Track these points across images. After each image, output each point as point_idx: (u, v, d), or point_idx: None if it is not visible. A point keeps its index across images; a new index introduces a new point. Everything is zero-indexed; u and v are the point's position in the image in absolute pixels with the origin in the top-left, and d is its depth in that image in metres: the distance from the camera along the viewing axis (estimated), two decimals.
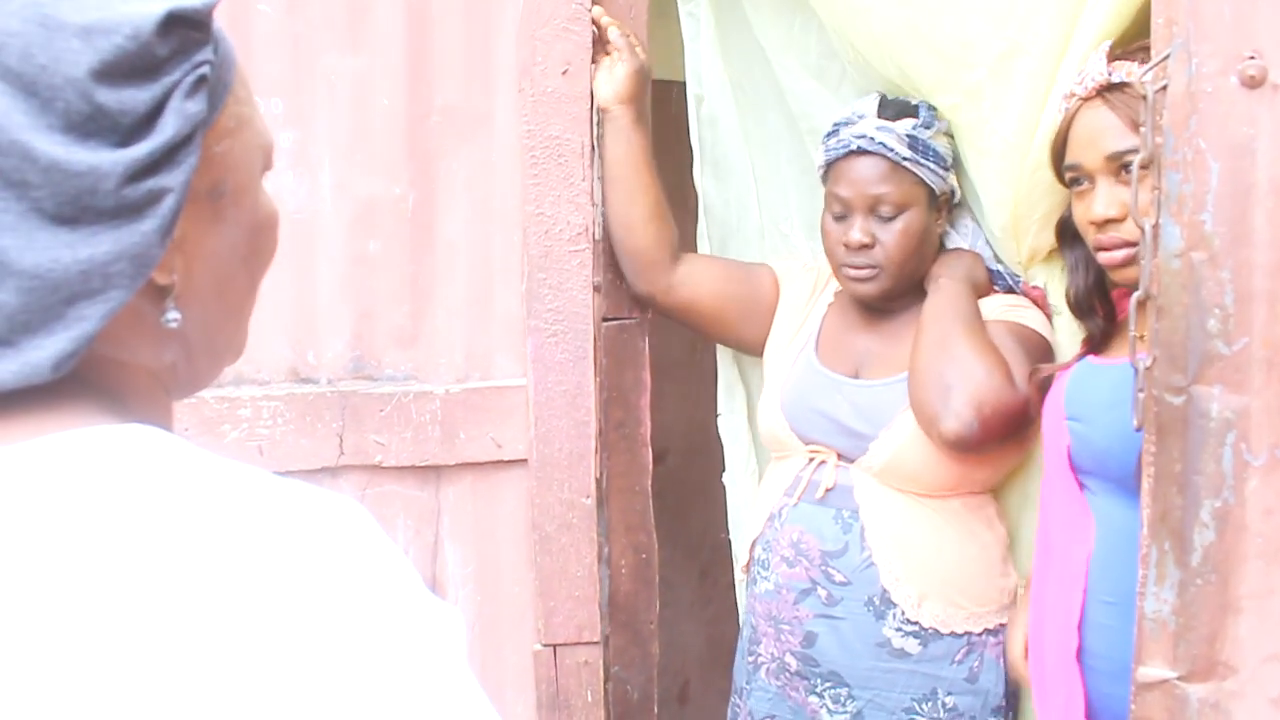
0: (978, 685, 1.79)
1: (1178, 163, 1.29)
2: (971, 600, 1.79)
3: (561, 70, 1.79)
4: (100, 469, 0.57)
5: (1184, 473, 1.30)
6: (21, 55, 0.56)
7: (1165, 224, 1.30)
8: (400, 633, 0.56)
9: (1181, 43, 1.28)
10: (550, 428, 1.81)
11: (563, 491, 1.83)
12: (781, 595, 1.86)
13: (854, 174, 1.81)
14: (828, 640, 1.81)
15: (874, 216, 1.81)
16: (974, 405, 1.66)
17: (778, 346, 1.99)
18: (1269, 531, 1.27)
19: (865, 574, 1.78)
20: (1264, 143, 1.25)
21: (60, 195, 0.57)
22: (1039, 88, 1.67)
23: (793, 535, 1.85)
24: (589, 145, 1.81)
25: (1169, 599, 1.32)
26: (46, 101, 0.57)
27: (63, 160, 0.57)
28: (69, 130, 0.57)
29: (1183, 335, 1.30)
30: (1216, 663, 1.31)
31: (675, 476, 2.66)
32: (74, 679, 0.52)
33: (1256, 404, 1.27)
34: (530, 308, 1.80)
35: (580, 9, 1.79)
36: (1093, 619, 1.56)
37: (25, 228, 0.57)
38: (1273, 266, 1.26)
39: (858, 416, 1.82)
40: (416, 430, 1.79)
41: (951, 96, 1.77)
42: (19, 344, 0.58)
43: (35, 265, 0.57)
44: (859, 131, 1.80)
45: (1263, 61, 1.24)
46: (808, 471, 1.86)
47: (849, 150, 1.81)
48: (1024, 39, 1.66)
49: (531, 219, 1.80)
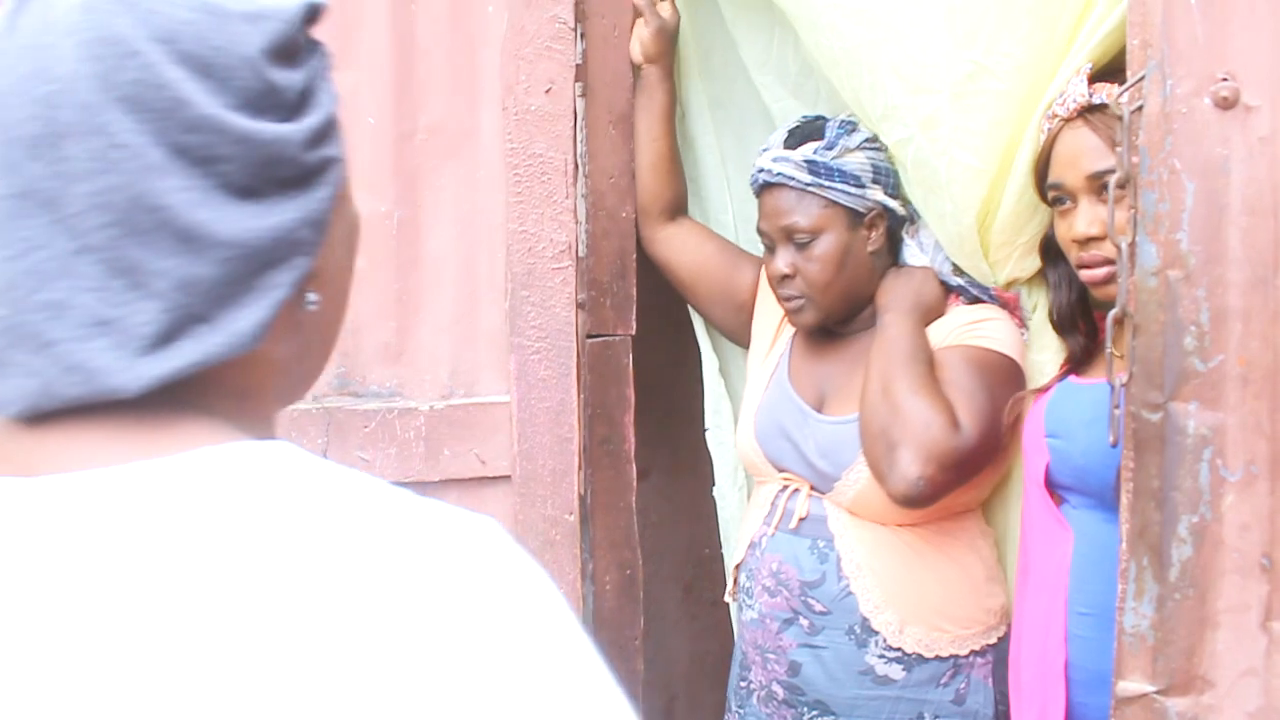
0: (965, 707, 1.78)
1: (1153, 182, 1.31)
2: (955, 623, 1.77)
3: (545, 89, 1.80)
4: (251, 490, 0.57)
5: (1162, 489, 1.32)
6: (197, 39, 0.59)
7: (1142, 242, 1.31)
8: (553, 658, 0.56)
9: (1156, 64, 1.30)
10: (533, 444, 1.82)
11: (546, 508, 1.83)
12: (765, 624, 1.85)
13: (766, 207, 1.84)
14: (812, 669, 1.80)
15: (792, 246, 1.81)
16: (919, 463, 1.62)
17: (756, 359, 2.00)
18: (1245, 547, 1.29)
19: (844, 603, 1.77)
20: (1237, 163, 1.27)
21: (250, 167, 0.60)
22: (1007, 110, 1.66)
23: (772, 565, 1.84)
24: (572, 163, 1.82)
25: (1148, 614, 1.33)
26: (224, 81, 0.60)
27: (253, 132, 0.60)
28: (246, 106, 0.60)
29: (1159, 352, 1.31)
30: (1195, 677, 1.32)
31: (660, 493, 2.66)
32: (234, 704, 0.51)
33: (1232, 420, 1.29)
34: (514, 325, 1.81)
35: (564, 29, 1.80)
36: (1069, 631, 1.58)
37: (217, 201, 0.59)
38: (1247, 284, 1.28)
39: (820, 455, 1.80)
40: (401, 447, 1.79)
41: (907, 124, 1.73)
42: (217, 318, 0.59)
43: (233, 236, 0.59)
44: (761, 165, 1.83)
45: (1235, 83, 1.26)
46: (782, 499, 1.85)
47: (760, 185, 1.84)
48: (990, 60, 1.65)
49: (515, 236, 1.81)
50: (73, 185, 0.57)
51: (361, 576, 0.54)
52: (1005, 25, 1.63)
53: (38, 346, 0.58)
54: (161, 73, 0.58)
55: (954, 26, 1.66)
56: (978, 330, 1.77)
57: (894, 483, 1.64)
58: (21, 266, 0.58)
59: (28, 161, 0.58)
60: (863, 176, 1.79)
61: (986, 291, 1.82)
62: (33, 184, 0.58)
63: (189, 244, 0.58)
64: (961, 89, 1.67)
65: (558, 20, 1.79)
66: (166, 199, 0.58)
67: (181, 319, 0.58)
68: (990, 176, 1.70)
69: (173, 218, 0.58)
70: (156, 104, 0.58)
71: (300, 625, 0.52)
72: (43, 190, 0.58)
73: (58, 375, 0.57)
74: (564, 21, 1.80)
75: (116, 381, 0.57)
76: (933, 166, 1.74)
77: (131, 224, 0.58)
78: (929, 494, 1.64)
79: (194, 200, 0.58)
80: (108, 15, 0.58)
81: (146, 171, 0.58)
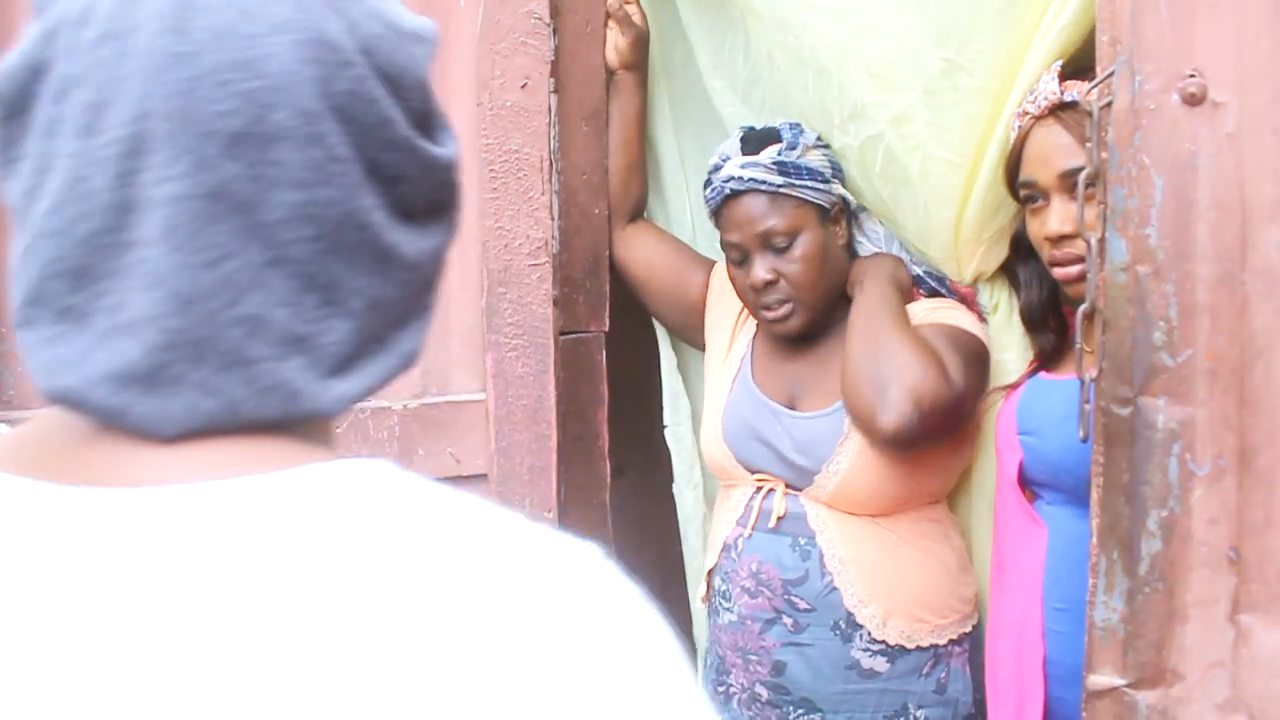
0: (946, 696, 1.80)
1: (1123, 178, 1.31)
2: (933, 613, 1.79)
3: (520, 84, 1.79)
4: (366, 507, 0.54)
5: (1131, 483, 1.32)
6: (389, 56, 0.58)
7: (1111, 238, 1.32)
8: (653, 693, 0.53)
9: (1125, 60, 1.30)
10: (511, 442, 1.81)
11: (524, 506, 1.81)
12: (746, 626, 1.83)
13: (737, 216, 1.81)
14: (797, 668, 1.80)
15: (770, 251, 1.79)
16: (912, 399, 1.63)
17: (714, 362, 1.98)
18: (1213, 540, 1.30)
19: (828, 599, 1.77)
20: (1205, 159, 1.28)
21: (426, 189, 0.60)
22: (981, 105, 1.67)
23: (751, 566, 1.83)
24: (548, 159, 1.81)
25: (1118, 607, 1.34)
26: (407, 101, 0.59)
27: (435, 156, 0.60)
28: (418, 129, 0.60)
29: (1129, 347, 1.32)
30: (1164, 670, 1.33)
31: (635, 489, 2.65)
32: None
33: (1201, 415, 1.30)
34: (490, 322, 1.79)
35: (539, 24, 1.79)
36: (1046, 626, 1.59)
37: (397, 222, 0.59)
38: (1215, 280, 1.29)
39: (797, 451, 1.80)
40: (374, 447, 1.76)
41: (877, 122, 1.73)
42: (389, 339, 0.59)
43: (414, 257, 0.60)
44: (727, 174, 1.80)
45: (1203, 80, 1.27)
46: (757, 500, 1.84)
47: (724, 195, 1.81)
48: (963, 58, 1.66)
49: (491, 233, 1.79)
50: (275, 192, 0.54)
51: (468, 603, 0.52)
52: (978, 23, 1.64)
53: (229, 364, 0.54)
54: (371, 88, 0.57)
55: (927, 25, 1.66)
56: (944, 313, 1.80)
57: (884, 419, 1.64)
58: (213, 276, 0.53)
59: (224, 160, 0.53)
60: (825, 172, 1.81)
61: (944, 284, 1.85)
62: (227, 185, 0.53)
63: (383, 264, 0.58)
64: (934, 86, 1.68)
65: (533, 15, 1.78)
66: (370, 217, 0.57)
67: (367, 339, 0.58)
68: (965, 171, 1.71)
69: (374, 237, 0.57)
70: (366, 119, 0.57)
71: (403, 650, 0.50)
72: (238, 193, 0.53)
73: (251, 395, 0.54)
74: (539, 17, 1.79)
75: (317, 404, 0.56)
76: (903, 163, 1.74)
77: (338, 240, 0.56)
78: (918, 432, 1.65)
79: (385, 220, 0.58)
80: (320, 18, 0.55)
81: (357, 188, 0.56)
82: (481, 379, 1.82)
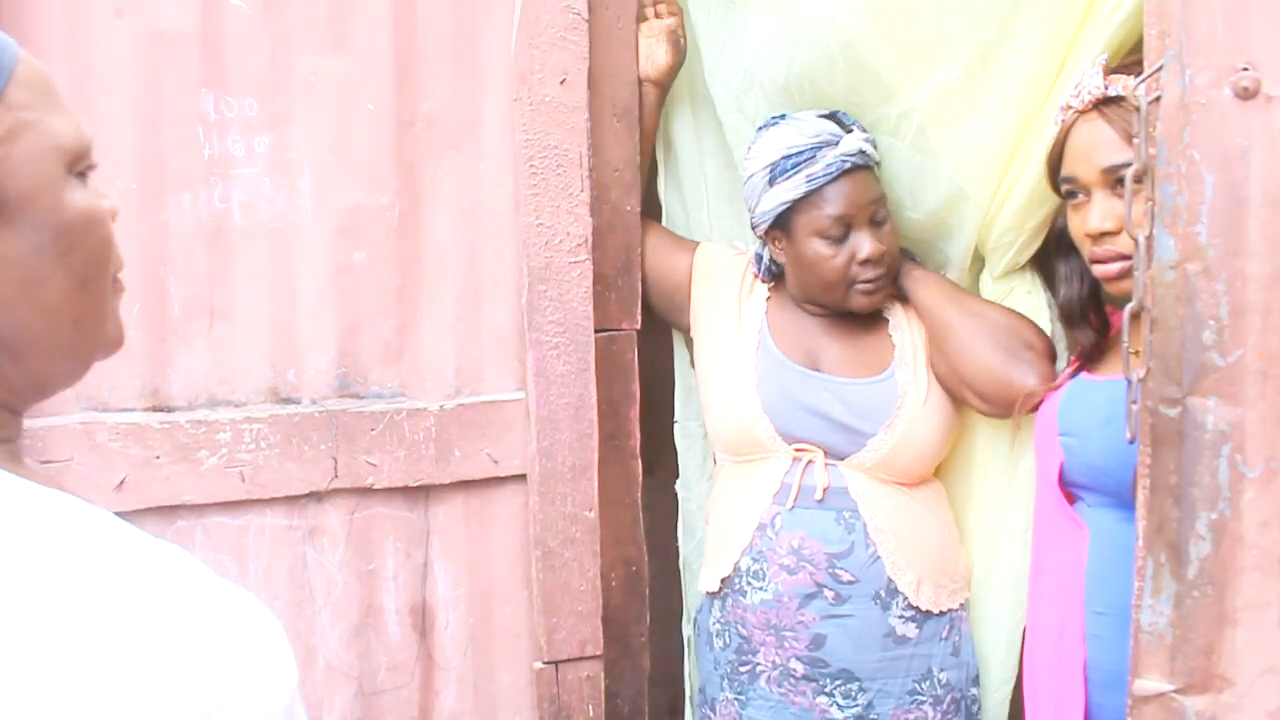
0: (960, 658, 1.88)
1: (1171, 174, 1.28)
2: (951, 578, 1.88)
3: (560, 80, 1.77)
4: None
5: (1179, 485, 1.30)
6: None
7: (1159, 236, 1.29)
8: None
9: (1174, 54, 1.27)
10: (553, 441, 1.79)
11: (566, 505, 1.80)
12: (783, 603, 1.85)
13: (851, 191, 1.81)
14: (838, 639, 1.83)
15: (874, 225, 1.84)
16: (1047, 358, 1.77)
17: (720, 340, 1.97)
18: (1265, 544, 1.27)
19: (872, 569, 1.82)
20: (1258, 154, 1.25)
21: None
22: (1019, 89, 1.66)
23: (792, 542, 1.85)
24: (586, 155, 1.79)
25: (1165, 611, 1.31)
26: None
27: None
28: None
29: (1177, 347, 1.29)
30: (1213, 675, 1.30)
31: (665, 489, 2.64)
32: None
33: (1251, 416, 1.27)
34: (531, 320, 1.77)
35: (578, 19, 1.77)
36: (1087, 630, 1.56)
37: None
38: (1267, 278, 1.26)
39: (852, 414, 1.85)
40: (410, 449, 1.75)
41: (914, 96, 1.76)
42: None
43: None
44: (846, 149, 1.80)
45: (1256, 73, 1.24)
46: (795, 474, 1.85)
47: (843, 170, 1.80)
48: (1002, 43, 1.66)
49: (531, 230, 1.77)
50: None
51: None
52: (1019, 9, 1.63)
53: None
54: None
55: (965, 9, 1.66)
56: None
57: (1021, 379, 1.75)
58: None
59: None
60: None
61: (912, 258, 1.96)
62: None
63: None
64: (972, 69, 1.69)
65: (571, 11, 1.77)
66: None
67: None
68: (1002, 157, 1.71)
69: None
70: None
71: None
72: None
73: None
74: (577, 13, 1.77)
75: None
76: (933, 137, 1.77)
77: None
78: (1043, 382, 1.75)
79: None
80: None
81: None
82: (515, 378, 1.81)
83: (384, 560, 1.77)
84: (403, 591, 1.77)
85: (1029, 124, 1.70)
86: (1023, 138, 1.71)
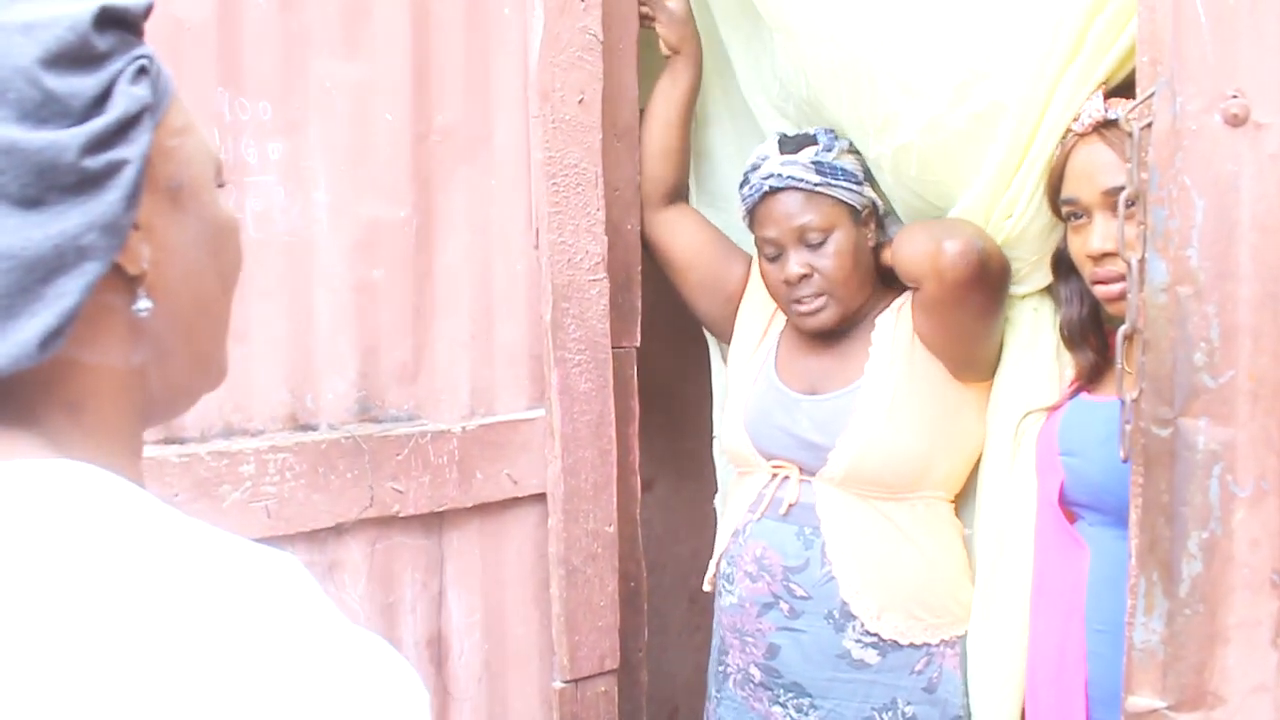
0: (936, 695, 1.83)
1: (1163, 199, 1.31)
2: (929, 612, 1.82)
3: (578, 99, 1.79)
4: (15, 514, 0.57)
5: (1171, 504, 1.32)
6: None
7: (1151, 259, 1.32)
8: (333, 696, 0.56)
9: (1166, 81, 1.30)
10: (577, 459, 1.78)
11: (589, 522, 1.80)
12: (745, 609, 1.90)
13: (774, 212, 1.86)
14: (790, 652, 1.85)
15: (804, 247, 1.85)
16: (975, 231, 1.70)
17: (741, 358, 2.03)
18: (1256, 562, 1.29)
19: (825, 588, 1.82)
20: (1247, 180, 1.27)
21: (23, 176, 0.60)
22: (1003, 115, 1.65)
23: (755, 550, 1.89)
24: (600, 175, 1.81)
25: (1157, 629, 1.33)
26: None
27: (20, 142, 0.60)
28: (24, 118, 0.60)
29: (1169, 368, 1.31)
30: (1205, 692, 1.32)
31: (663, 504, 2.66)
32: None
33: (1242, 436, 1.29)
34: (555, 338, 1.76)
35: (594, 40, 1.79)
36: (1088, 648, 1.58)
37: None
38: (1257, 301, 1.28)
39: (815, 429, 1.86)
40: (435, 473, 1.68)
41: (909, 129, 1.74)
42: (2, 329, 0.59)
43: (8, 247, 0.59)
44: (766, 172, 1.86)
45: (1245, 100, 1.26)
46: (770, 488, 1.90)
47: (763, 193, 1.87)
48: (986, 67, 1.65)
49: (555, 248, 1.76)
50: None
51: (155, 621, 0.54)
52: (1001, 33, 1.64)
53: None
54: None
55: (951, 34, 1.68)
56: None
57: (951, 244, 1.68)
58: None
59: None
60: (858, 174, 1.88)
61: None
62: None
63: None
64: (958, 95, 1.68)
65: (587, 31, 1.79)
66: None
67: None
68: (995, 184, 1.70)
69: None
70: None
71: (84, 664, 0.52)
72: None
73: None
74: (593, 33, 1.79)
75: None
76: (935, 169, 1.77)
77: None
78: (980, 261, 1.68)
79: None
80: None
81: None
82: (528, 396, 1.80)
83: (403, 592, 1.70)
84: (420, 623, 1.71)
85: (1015, 150, 1.68)
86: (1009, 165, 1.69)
